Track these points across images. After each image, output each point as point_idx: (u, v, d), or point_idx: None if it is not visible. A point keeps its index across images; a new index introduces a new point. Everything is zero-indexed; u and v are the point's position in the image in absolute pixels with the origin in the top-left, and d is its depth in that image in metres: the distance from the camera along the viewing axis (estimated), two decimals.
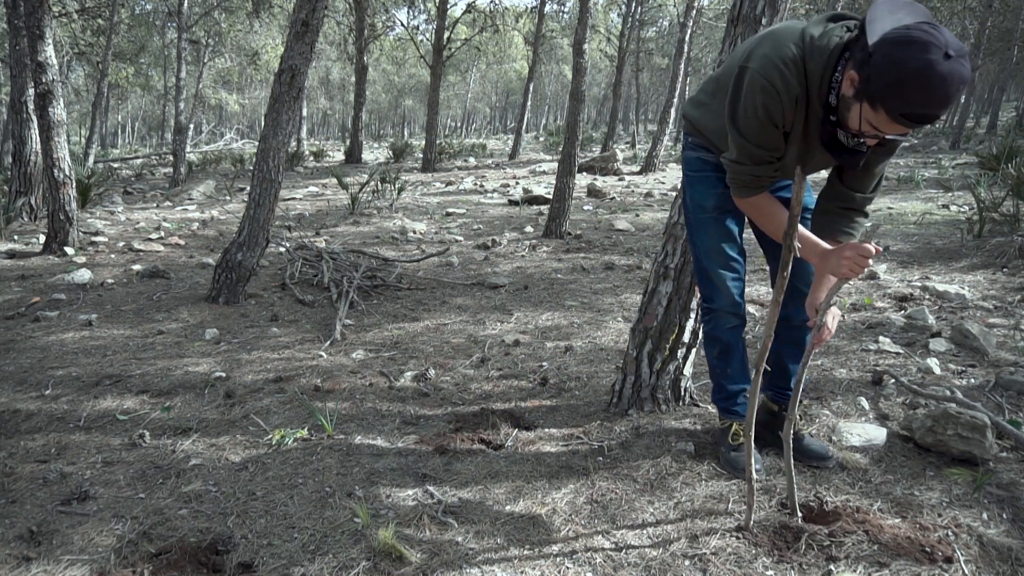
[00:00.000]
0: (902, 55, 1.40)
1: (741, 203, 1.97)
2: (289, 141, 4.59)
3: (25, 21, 6.19)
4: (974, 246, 5.45)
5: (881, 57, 1.43)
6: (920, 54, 1.38)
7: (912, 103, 1.42)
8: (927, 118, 1.43)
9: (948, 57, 1.38)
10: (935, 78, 1.38)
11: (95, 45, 16.43)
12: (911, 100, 1.42)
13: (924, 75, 1.38)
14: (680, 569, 1.77)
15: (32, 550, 1.89)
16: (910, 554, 1.78)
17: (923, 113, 1.42)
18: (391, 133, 45.62)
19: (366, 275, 5.18)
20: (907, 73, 1.39)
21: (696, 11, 15.26)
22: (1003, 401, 2.73)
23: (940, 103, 1.40)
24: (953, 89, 1.38)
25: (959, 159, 13.41)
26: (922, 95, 1.40)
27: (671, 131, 24.00)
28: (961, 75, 1.39)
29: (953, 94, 1.39)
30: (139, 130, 43.37)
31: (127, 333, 3.97)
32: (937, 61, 1.37)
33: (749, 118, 1.74)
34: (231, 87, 30.00)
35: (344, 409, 2.84)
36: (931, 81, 1.38)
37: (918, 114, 1.43)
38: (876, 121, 1.50)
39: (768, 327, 1.72)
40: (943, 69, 1.37)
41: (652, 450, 2.40)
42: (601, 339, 3.84)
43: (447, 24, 15.71)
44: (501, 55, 31.67)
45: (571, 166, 6.98)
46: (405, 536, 1.92)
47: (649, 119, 44.60)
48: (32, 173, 7.23)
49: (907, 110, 1.43)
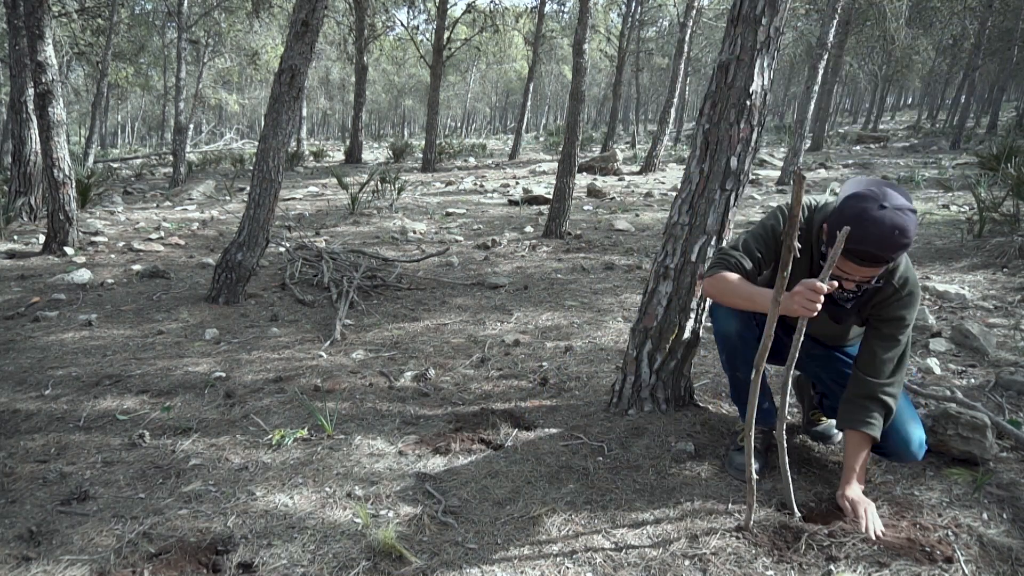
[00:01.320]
0: (848, 204, 1.78)
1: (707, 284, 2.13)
2: (289, 141, 4.59)
3: (25, 21, 6.18)
4: (974, 246, 5.45)
5: (837, 209, 1.81)
6: (860, 203, 1.76)
7: (850, 240, 1.73)
8: (864, 254, 1.74)
9: (883, 208, 1.72)
10: (867, 221, 1.72)
11: (95, 45, 16.42)
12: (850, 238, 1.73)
13: (858, 219, 1.73)
14: (680, 569, 1.77)
15: (32, 550, 1.89)
16: (910, 554, 1.78)
17: (859, 249, 1.73)
18: (391, 133, 45.62)
19: (366, 275, 5.18)
20: (847, 218, 1.74)
21: (696, 11, 15.26)
22: (1003, 401, 2.73)
23: (872, 241, 1.71)
24: (881, 230, 1.70)
25: (959, 159, 13.41)
26: (857, 234, 1.72)
27: (671, 131, 24.01)
28: (893, 221, 1.70)
29: (884, 234, 1.70)
30: (139, 130, 43.36)
31: (127, 333, 3.97)
32: (871, 208, 1.73)
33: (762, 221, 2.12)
34: (231, 87, 30.00)
35: (344, 409, 2.84)
36: (863, 223, 1.71)
37: (857, 250, 1.74)
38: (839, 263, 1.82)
39: (768, 327, 1.72)
40: (875, 215, 1.72)
41: (652, 450, 2.40)
42: (601, 339, 3.83)
43: (447, 24, 15.70)
44: (501, 55, 31.68)
45: (571, 166, 6.98)
46: (405, 536, 1.92)
47: (649, 119, 44.60)
48: (32, 173, 7.23)
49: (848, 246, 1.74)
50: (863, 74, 27.88)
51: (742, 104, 2.42)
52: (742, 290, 1.98)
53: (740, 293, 1.99)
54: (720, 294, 2.07)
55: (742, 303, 2.01)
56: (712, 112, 2.47)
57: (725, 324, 2.20)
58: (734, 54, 2.41)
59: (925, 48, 23.73)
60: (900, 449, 2.03)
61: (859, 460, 2.00)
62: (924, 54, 24.44)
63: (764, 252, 2.08)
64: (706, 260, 2.56)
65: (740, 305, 2.03)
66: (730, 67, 2.42)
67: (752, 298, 1.95)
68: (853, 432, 2.01)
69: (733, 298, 2.03)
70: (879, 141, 19.51)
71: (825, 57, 10.99)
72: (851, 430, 2.01)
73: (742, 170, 2.50)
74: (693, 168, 2.54)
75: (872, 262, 1.75)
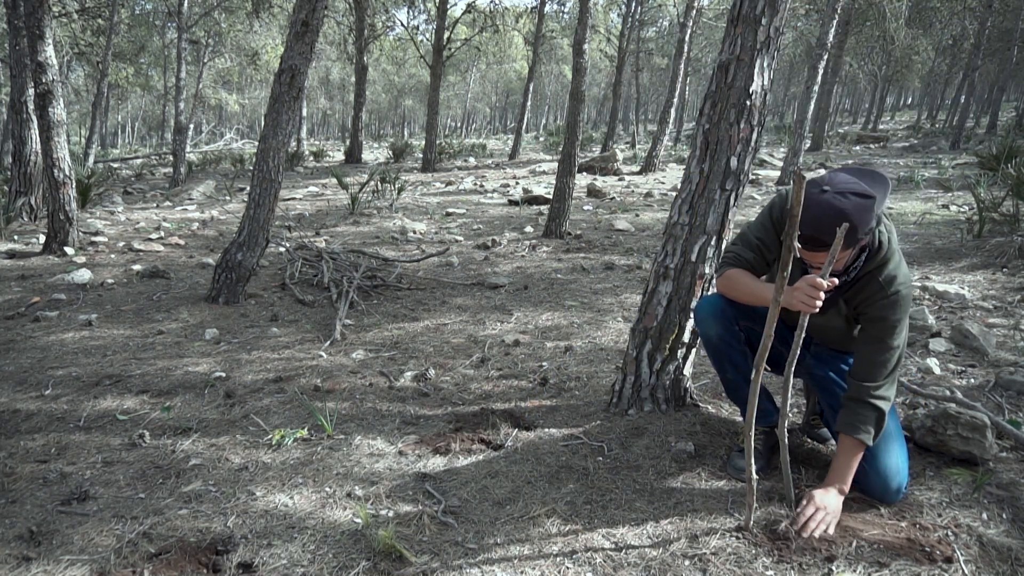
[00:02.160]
0: None
1: (718, 284, 2.17)
2: (289, 141, 4.59)
3: (25, 21, 6.18)
4: (974, 246, 5.45)
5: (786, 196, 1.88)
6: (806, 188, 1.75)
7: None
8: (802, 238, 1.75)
9: (823, 192, 1.75)
10: (804, 203, 1.72)
11: (95, 45, 16.42)
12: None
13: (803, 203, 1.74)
14: (680, 569, 1.77)
15: (32, 550, 1.89)
16: (910, 554, 1.78)
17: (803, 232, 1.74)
18: (391, 133, 45.61)
19: (366, 275, 5.18)
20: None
21: (696, 11, 15.25)
22: (1003, 401, 2.73)
23: (807, 223, 1.73)
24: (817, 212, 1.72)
25: (959, 159, 13.41)
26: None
27: (671, 131, 24.01)
28: (830, 204, 1.72)
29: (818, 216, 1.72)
30: (139, 130, 43.36)
31: (127, 333, 3.97)
32: (812, 193, 1.76)
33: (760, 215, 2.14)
34: (231, 87, 30.00)
35: (344, 409, 2.84)
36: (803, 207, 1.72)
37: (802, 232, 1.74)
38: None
39: (768, 326, 1.72)
40: (814, 198, 1.74)
41: (652, 450, 2.40)
42: (601, 339, 3.84)
43: (447, 24, 15.70)
44: (501, 55, 31.68)
45: (571, 166, 6.98)
46: (405, 536, 1.92)
47: (649, 119, 44.60)
48: (32, 173, 7.23)
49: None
50: (863, 74, 27.88)
51: (742, 104, 2.42)
52: (747, 286, 2.02)
53: (745, 289, 2.02)
54: (730, 291, 2.11)
55: (749, 298, 2.03)
56: (712, 112, 2.48)
57: (706, 328, 2.22)
58: (734, 54, 2.41)
59: (925, 48, 23.73)
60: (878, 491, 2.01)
61: (843, 464, 1.98)
62: (924, 54, 24.44)
63: (763, 236, 2.10)
64: (706, 260, 2.56)
65: (748, 300, 2.05)
66: (730, 67, 2.42)
67: (755, 293, 1.98)
68: (845, 436, 1.99)
69: (740, 294, 2.06)
70: (879, 141, 19.52)
71: (825, 57, 10.99)
72: (843, 434, 2.00)
73: (742, 170, 2.50)
74: (693, 168, 2.54)
75: (813, 245, 1.76)
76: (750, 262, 2.09)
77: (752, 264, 2.09)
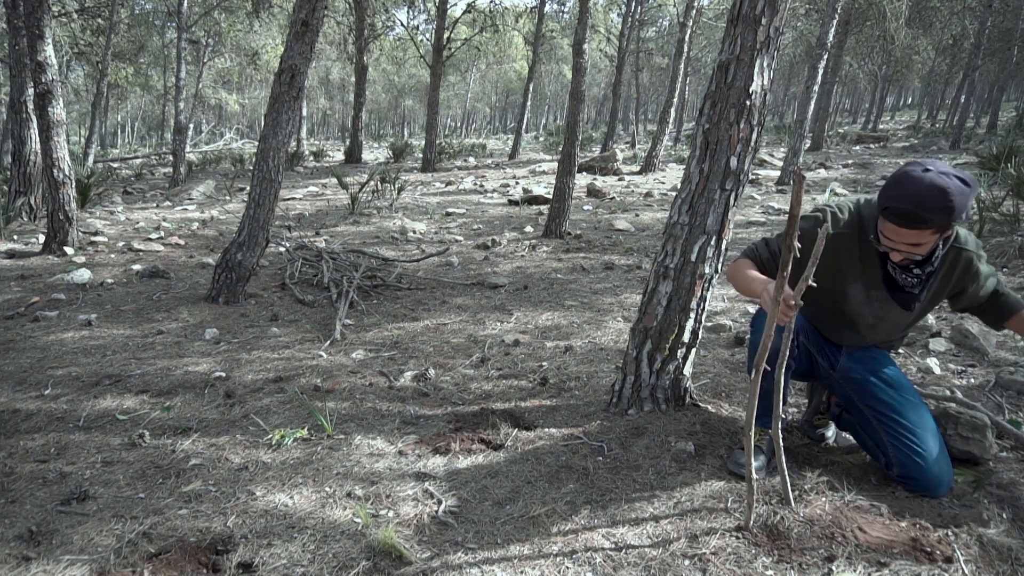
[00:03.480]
0: (894, 173, 1.86)
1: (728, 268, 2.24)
2: (289, 141, 4.59)
3: (25, 21, 6.18)
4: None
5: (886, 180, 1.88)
6: (904, 168, 1.82)
7: (886, 197, 1.81)
8: (902, 212, 1.77)
9: (926, 171, 1.78)
10: (905, 179, 1.78)
11: (95, 45, 16.42)
12: (886, 195, 1.82)
13: (898, 178, 1.81)
14: (680, 569, 1.77)
15: (32, 550, 1.89)
16: (910, 554, 1.78)
17: (894, 206, 1.78)
18: (391, 133, 45.61)
19: (366, 275, 5.18)
20: (891, 182, 1.83)
21: (696, 11, 15.25)
22: (1003, 401, 2.73)
23: (909, 198, 1.75)
24: (919, 188, 1.74)
25: (959, 159, 13.41)
26: (893, 190, 1.80)
27: (671, 131, 24.00)
28: (933, 181, 1.74)
29: (921, 192, 1.74)
30: (139, 130, 43.36)
31: (127, 333, 3.97)
32: (913, 171, 1.79)
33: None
34: (231, 87, 29.99)
35: (344, 409, 2.84)
36: (902, 181, 1.79)
37: (891, 208, 1.79)
38: (882, 227, 1.88)
39: (768, 327, 1.72)
40: (915, 175, 1.77)
41: (652, 450, 2.39)
42: (601, 339, 3.83)
43: (447, 24, 15.70)
44: (501, 55, 31.66)
45: (571, 166, 6.98)
46: (405, 536, 1.92)
47: (649, 119, 44.59)
48: (32, 173, 7.22)
49: (884, 204, 1.82)
50: (863, 74, 27.88)
51: (742, 104, 2.42)
52: (744, 275, 2.09)
53: (742, 278, 2.10)
54: (732, 278, 2.18)
55: (742, 288, 2.11)
56: (712, 112, 2.47)
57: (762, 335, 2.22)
58: (734, 54, 2.41)
59: (925, 48, 23.74)
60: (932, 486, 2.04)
61: None
62: (924, 54, 24.45)
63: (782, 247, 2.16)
64: (706, 260, 2.56)
65: (741, 290, 2.13)
66: (730, 67, 2.42)
67: (747, 285, 2.05)
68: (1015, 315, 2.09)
69: (737, 282, 2.13)
70: (879, 141, 19.51)
71: (825, 57, 10.99)
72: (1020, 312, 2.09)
73: (742, 170, 2.50)
74: (693, 168, 2.54)
75: (910, 222, 1.76)
76: (763, 260, 2.18)
77: (764, 263, 2.17)
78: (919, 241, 1.82)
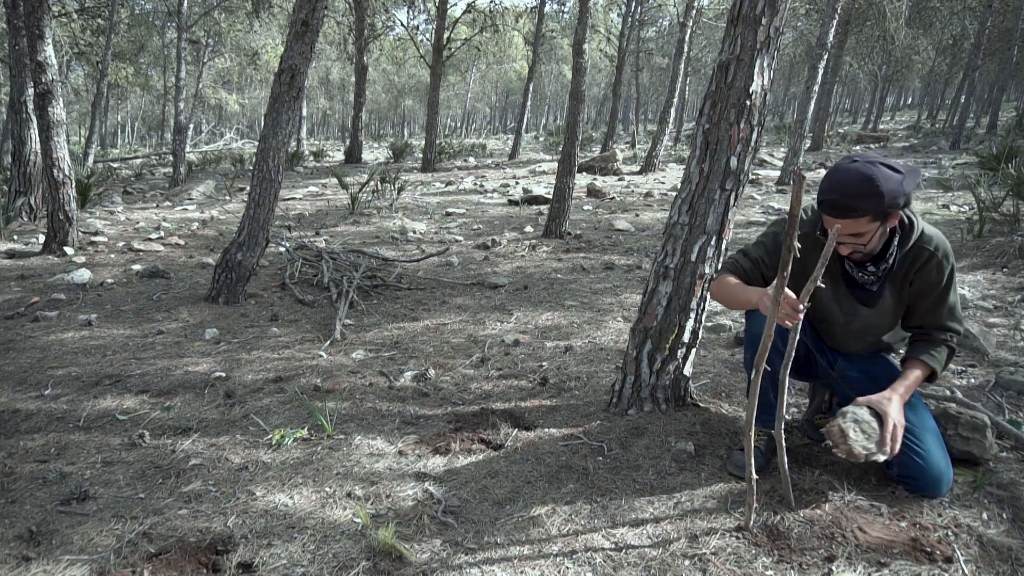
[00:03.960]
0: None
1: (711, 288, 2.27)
2: (289, 141, 4.59)
3: (25, 21, 6.18)
4: (974, 246, 5.45)
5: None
6: (837, 162, 1.89)
7: (820, 191, 1.87)
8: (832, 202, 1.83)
9: (854, 162, 1.83)
10: (834, 171, 1.85)
11: (95, 45, 16.42)
12: (820, 189, 1.88)
13: (829, 171, 1.89)
14: (680, 569, 1.77)
15: (32, 550, 1.89)
16: (910, 554, 1.78)
17: (825, 198, 1.84)
18: (391, 133, 45.61)
19: (366, 275, 5.18)
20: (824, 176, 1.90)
21: (696, 11, 15.25)
22: (1003, 401, 2.73)
23: (836, 187, 1.82)
24: (845, 177, 1.81)
25: (959, 159, 13.41)
26: (824, 183, 1.87)
27: (671, 131, 24.00)
28: (860, 170, 1.79)
29: (847, 180, 1.80)
30: (139, 130, 43.36)
31: (127, 333, 3.97)
32: (842, 163, 1.86)
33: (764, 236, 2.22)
34: (231, 87, 30.00)
35: (344, 409, 2.84)
36: (831, 173, 1.86)
37: (823, 200, 1.85)
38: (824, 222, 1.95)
39: (768, 327, 1.72)
40: (843, 167, 1.84)
41: (652, 450, 2.39)
42: (601, 339, 3.83)
43: (447, 24, 15.70)
44: (501, 55, 31.66)
45: (571, 166, 6.98)
46: (405, 536, 1.92)
47: (649, 119, 44.59)
48: (32, 173, 7.22)
49: (819, 198, 1.88)
50: (863, 74, 27.88)
51: (742, 104, 2.42)
52: (734, 291, 2.11)
53: (732, 293, 2.11)
54: (719, 296, 2.19)
55: (735, 303, 2.12)
56: (712, 112, 2.47)
57: (758, 326, 2.21)
58: (734, 54, 2.41)
59: (925, 48, 23.74)
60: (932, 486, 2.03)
61: (910, 379, 2.02)
62: (924, 54, 24.45)
63: (763, 256, 2.17)
64: (706, 260, 2.56)
65: (735, 305, 2.13)
66: (730, 67, 2.42)
67: (740, 297, 2.06)
68: (913, 360, 2.06)
69: (727, 298, 2.15)
70: (879, 141, 19.51)
71: (825, 57, 10.99)
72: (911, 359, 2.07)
73: (742, 170, 2.50)
74: (693, 168, 2.54)
75: (841, 211, 1.81)
76: (746, 271, 2.19)
77: (747, 274, 2.18)
78: (857, 231, 1.85)
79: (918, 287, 2.04)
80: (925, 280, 2.02)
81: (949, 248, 2.03)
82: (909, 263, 2.02)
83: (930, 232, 2.01)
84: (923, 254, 2.00)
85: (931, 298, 2.05)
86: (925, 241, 2.00)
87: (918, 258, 2.01)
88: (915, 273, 2.03)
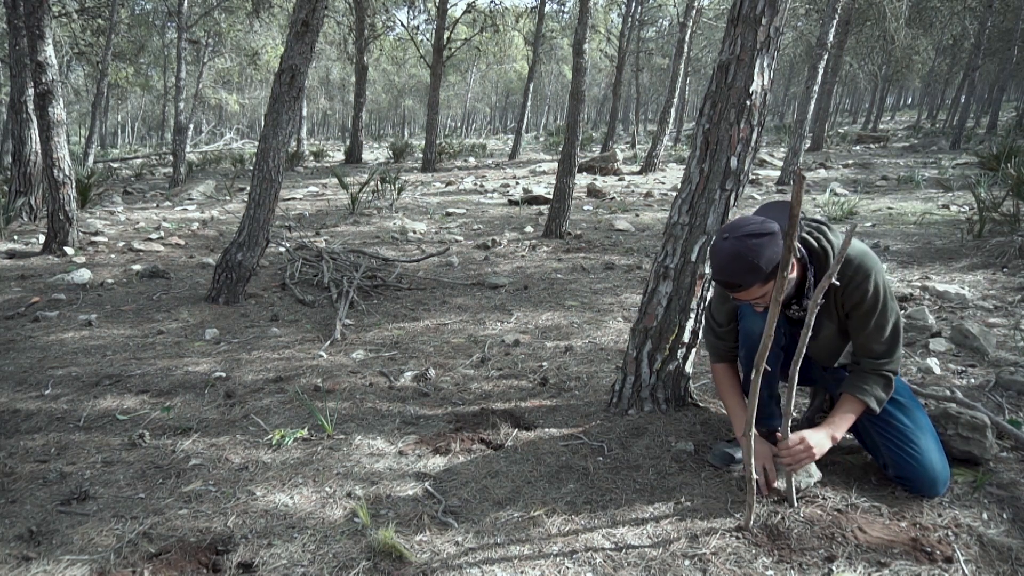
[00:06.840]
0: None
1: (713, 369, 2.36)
2: (289, 141, 4.59)
3: (25, 21, 6.18)
4: (974, 246, 5.45)
5: None
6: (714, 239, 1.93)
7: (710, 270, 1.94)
8: (720, 283, 1.88)
9: (724, 239, 1.85)
10: (713, 252, 1.89)
11: (95, 45, 16.42)
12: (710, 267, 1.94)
13: (711, 250, 1.91)
14: (680, 569, 1.77)
15: (32, 550, 1.89)
16: (910, 554, 1.78)
17: (715, 279, 1.89)
18: (391, 133, 45.61)
19: (366, 275, 5.18)
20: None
21: (696, 11, 15.25)
22: (1003, 401, 2.73)
23: (716, 270, 1.87)
24: (722, 260, 1.84)
25: (959, 159, 13.41)
26: (711, 262, 1.93)
27: (671, 131, 24.00)
28: (731, 250, 1.82)
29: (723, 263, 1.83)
30: (139, 130, 43.36)
31: (127, 333, 3.97)
32: (717, 240, 1.88)
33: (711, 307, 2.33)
34: (231, 87, 29.98)
35: (344, 409, 2.84)
36: (712, 254, 1.90)
37: (714, 280, 1.90)
38: None
39: (768, 327, 1.72)
40: (717, 247, 1.87)
41: (652, 450, 2.39)
42: (601, 339, 3.83)
43: (447, 24, 15.71)
44: (501, 55, 31.63)
45: (571, 166, 6.98)
46: (405, 536, 1.92)
47: (649, 119, 44.59)
48: (32, 173, 7.23)
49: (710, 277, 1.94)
50: (863, 74, 27.88)
51: (742, 104, 2.42)
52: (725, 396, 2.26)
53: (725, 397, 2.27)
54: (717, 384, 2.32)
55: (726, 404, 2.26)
56: (712, 112, 2.48)
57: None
58: (734, 54, 2.41)
59: (925, 48, 23.74)
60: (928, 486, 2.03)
61: (841, 416, 2.03)
62: (924, 54, 24.45)
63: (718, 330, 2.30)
64: (706, 260, 2.54)
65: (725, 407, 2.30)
66: (730, 67, 2.42)
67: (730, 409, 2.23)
68: (848, 395, 2.05)
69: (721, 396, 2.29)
70: (879, 141, 19.51)
71: (825, 57, 10.99)
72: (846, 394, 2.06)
73: (742, 170, 2.50)
74: (693, 168, 2.54)
75: (732, 288, 1.87)
76: (725, 354, 2.31)
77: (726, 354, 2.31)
78: (756, 295, 1.88)
79: (848, 310, 2.02)
80: (851, 302, 1.98)
81: (870, 264, 1.95)
82: (834, 290, 1.99)
83: (850, 255, 1.94)
84: (843, 279, 1.95)
85: (864, 321, 1.99)
86: (844, 265, 1.94)
87: (840, 284, 1.97)
88: (842, 297, 2.00)
